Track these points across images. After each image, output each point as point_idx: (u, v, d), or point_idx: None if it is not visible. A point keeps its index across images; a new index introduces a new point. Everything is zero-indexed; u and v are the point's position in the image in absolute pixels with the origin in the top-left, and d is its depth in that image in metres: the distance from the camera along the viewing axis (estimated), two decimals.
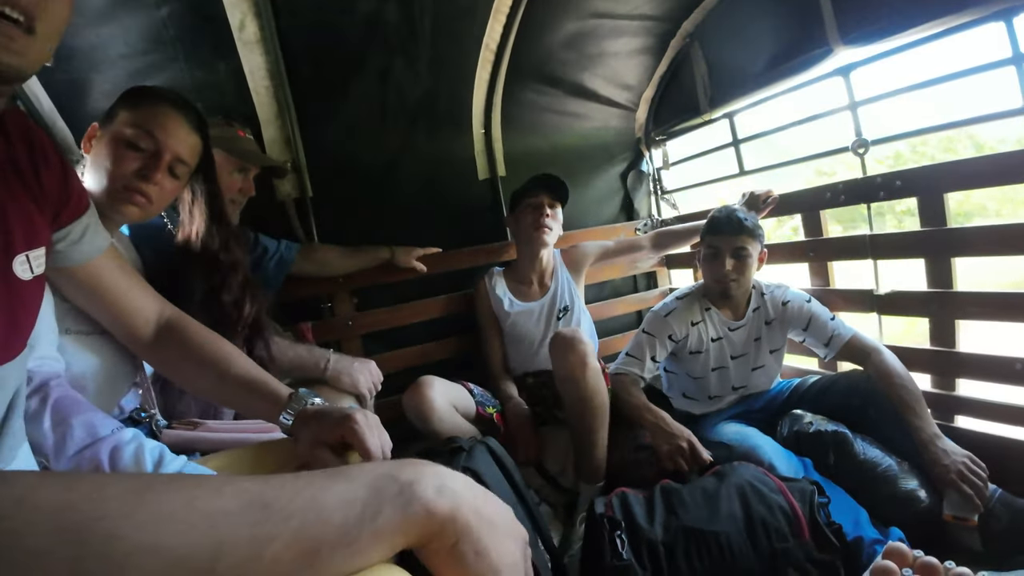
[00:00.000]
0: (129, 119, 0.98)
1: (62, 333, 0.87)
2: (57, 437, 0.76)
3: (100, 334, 0.94)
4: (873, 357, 1.54)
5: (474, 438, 1.34)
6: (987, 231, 1.40)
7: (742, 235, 1.63)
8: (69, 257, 0.80)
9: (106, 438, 0.77)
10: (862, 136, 1.62)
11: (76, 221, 0.79)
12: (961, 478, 1.26)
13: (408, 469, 0.43)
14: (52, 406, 0.78)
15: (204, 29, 1.52)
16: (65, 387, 0.83)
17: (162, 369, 0.99)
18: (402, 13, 1.70)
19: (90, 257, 0.83)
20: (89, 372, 0.92)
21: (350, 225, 1.99)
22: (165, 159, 0.98)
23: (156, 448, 0.80)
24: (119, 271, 0.89)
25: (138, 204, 0.98)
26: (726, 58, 2.03)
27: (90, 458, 0.75)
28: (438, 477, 0.44)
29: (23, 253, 0.65)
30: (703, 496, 1.28)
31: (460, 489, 0.44)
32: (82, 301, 0.88)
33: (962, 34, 1.40)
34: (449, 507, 0.42)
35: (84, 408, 0.80)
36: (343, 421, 0.77)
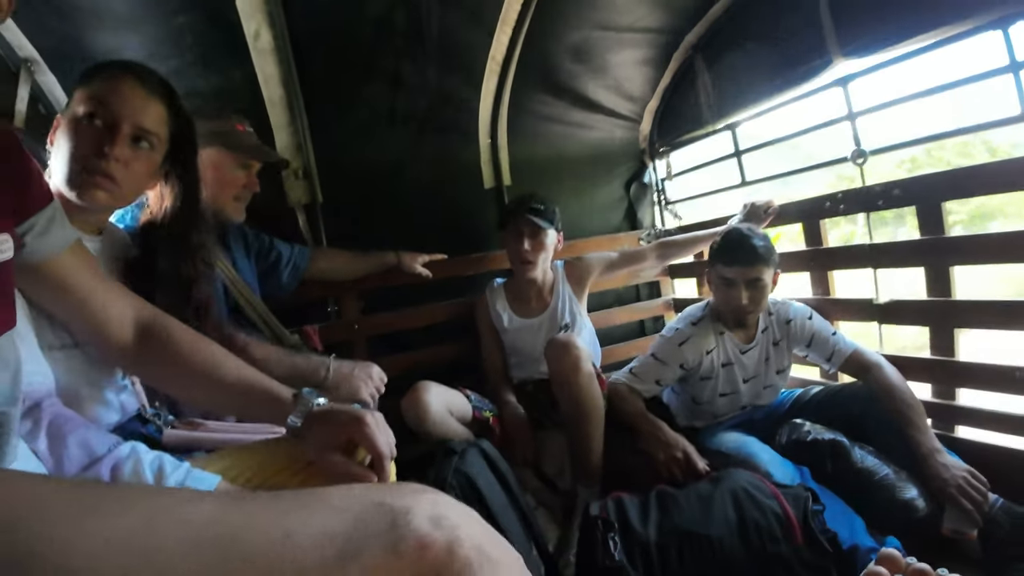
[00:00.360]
0: (83, 95, 0.90)
1: (44, 349, 0.83)
2: (55, 458, 0.74)
3: (83, 346, 0.89)
4: (873, 372, 1.54)
5: (467, 440, 1.35)
6: (985, 239, 1.41)
7: (757, 265, 1.58)
8: (36, 251, 0.75)
9: (104, 457, 0.75)
10: (860, 146, 1.63)
11: (40, 212, 0.74)
12: (961, 493, 1.25)
13: (405, 496, 0.38)
14: (47, 427, 0.76)
15: (220, 37, 1.59)
16: (58, 405, 0.80)
17: (147, 378, 0.94)
18: (410, 21, 1.75)
19: (57, 250, 0.77)
20: (79, 384, 0.89)
21: (358, 230, 2.04)
22: (123, 130, 0.89)
23: (155, 460, 0.77)
24: (87, 269, 0.82)
25: (102, 186, 0.89)
26: (728, 70, 2.06)
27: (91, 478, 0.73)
28: (436, 506, 0.38)
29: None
30: (697, 499, 1.29)
31: (461, 521, 0.38)
32: (52, 304, 0.82)
33: (960, 43, 1.42)
34: (446, 541, 0.36)
35: (79, 424, 0.78)
36: (353, 423, 0.77)
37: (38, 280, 0.77)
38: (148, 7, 1.44)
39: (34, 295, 0.80)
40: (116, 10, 1.40)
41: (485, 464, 1.25)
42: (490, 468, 1.25)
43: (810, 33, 1.69)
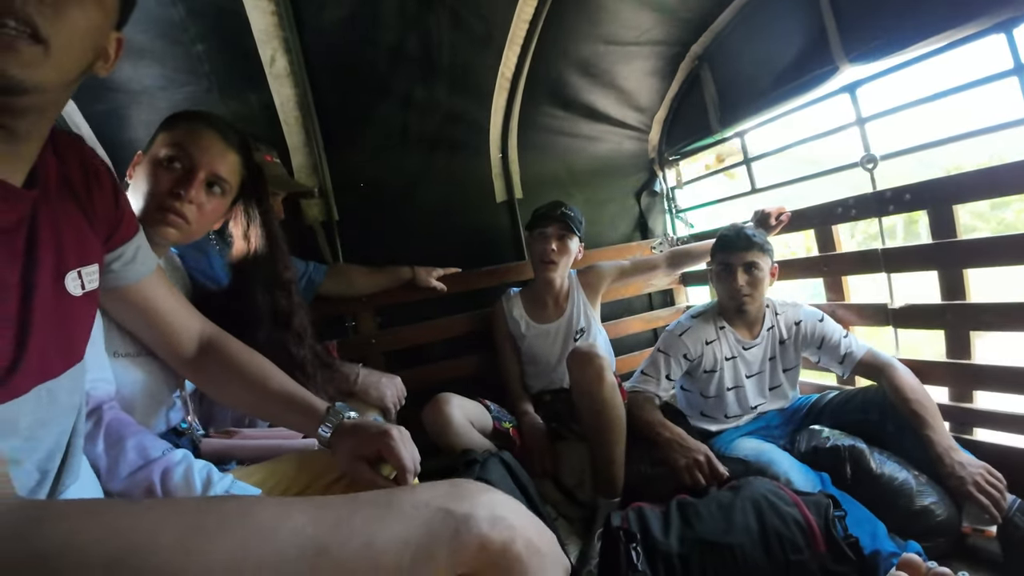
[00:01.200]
0: (166, 140, 0.99)
1: (111, 356, 0.89)
2: (111, 459, 0.79)
3: (147, 355, 0.97)
4: (887, 372, 1.54)
5: (488, 451, 1.37)
6: (997, 241, 1.41)
7: (752, 250, 1.66)
8: (123, 277, 0.82)
9: (157, 460, 0.81)
10: (870, 151, 1.65)
11: (128, 242, 0.81)
12: (978, 489, 1.26)
13: (464, 501, 0.42)
14: (106, 428, 0.81)
15: (237, 64, 1.63)
16: (117, 410, 0.86)
17: (203, 385, 1.02)
18: (422, 45, 1.79)
19: (141, 276, 0.85)
20: (137, 393, 0.95)
21: (374, 246, 2.08)
22: (199, 176, 0.98)
23: (204, 468, 0.83)
24: (166, 291, 0.92)
25: (174, 224, 0.97)
26: (735, 79, 2.08)
27: (143, 479, 0.79)
28: (492, 507, 0.43)
29: (75, 269, 0.67)
30: (718, 508, 1.29)
31: (514, 519, 0.43)
32: (130, 321, 0.90)
33: (965, 47, 1.43)
34: (503, 540, 0.41)
35: (136, 430, 0.84)
36: (380, 437, 0.80)
37: (119, 299, 0.85)
38: (167, 36, 1.49)
39: (112, 310, 0.88)
40: (136, 39, 1.45)
41: (506, 474, 1.26)
42: (511, 478, 1.27)
43: (815, 40, 1.71)
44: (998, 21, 1.33)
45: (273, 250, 1.16)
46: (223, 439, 1.13)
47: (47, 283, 0.61)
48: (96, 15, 0.56)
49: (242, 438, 1.15)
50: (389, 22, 1.69)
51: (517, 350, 2.06)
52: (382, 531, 0.38)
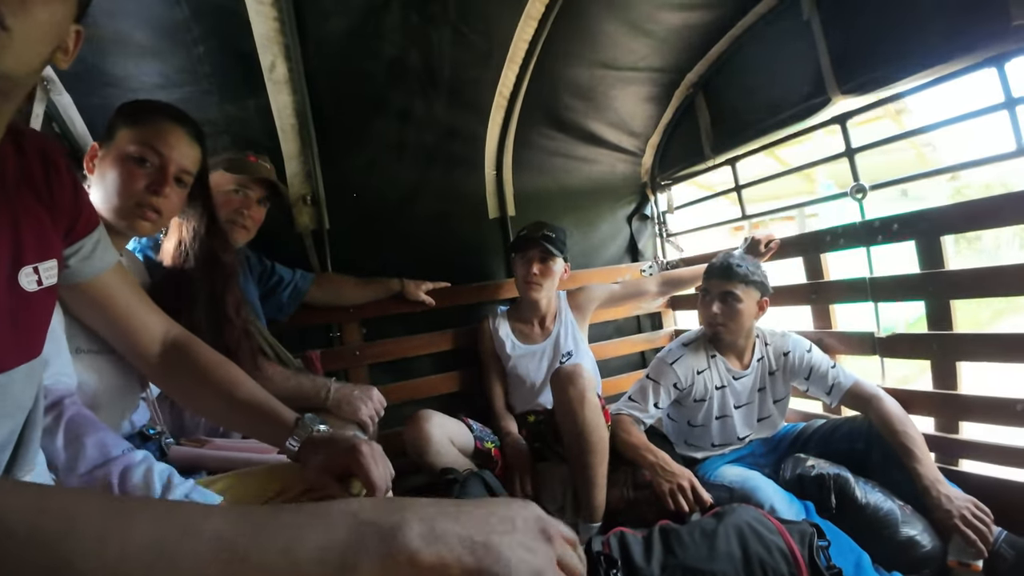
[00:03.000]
0: (132, 136, 1.01)
1: (73, 352, 0.87)
2: (70, 455, 0.77)
3: (110, 352, 0.94)
4: (873, 404, 1.54)
5: (469, 470, 1.34)
6: (982, 272, 1.42)
7: (732, 280, 1.65)
8: (80, 272, 0.80)
9: (117, 458, 0.78)
10: (859, 181, 1.67)
11: (88, 236, 0.79)
12: (965, 523, 1.25)
13: (396, 514, 0.39)
14: (66, 423, 0.79)
15: (237, 67, 1.63)
16: (79, 405, 0.84)
17: (168, 390, 0.99)
18: (423, 60, 1.80)
19: (100, 272, 0.83)
20: (100, 390, 0.93)
21: (364, 257, 2.06)
22: (171, 171, 1.02)
23: (165, 471, 0.81)
24: (127, 288, 0.89)
25: (150, 219, 1.01)
26: (728, 107, 2.12)
27: (101, 477, 0.76)
28: (427, 521, 0.39)
29: (32, 265, 0.65)
30: (701, 535, 1.27)
31: (454, 529, 0.39)
32: (90, 318, 0.88)
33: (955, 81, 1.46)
34: (437, 556, 0.38)
35: (97, 427, 0.81)
36: (349, 452, 0.78)
37: (79, 296, 0.84)
38: (168, 37, 1.49)
39: (72, 307, 0.86)
40: (137, 38, 1.45)
41: (486, 493, 1.24)
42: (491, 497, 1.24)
43: (808, 71, 1.74)
44: (990, 56, 1.35)
45: (213, 230, 1.18)
46: (193, 447, 1.10)
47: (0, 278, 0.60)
48: (58, 6, 0.56)
49: (212, 448, 1.12)
50: (391, 35, 1.71)
51: (502, 369, 2.04)
52: (302, 539, 0.37)
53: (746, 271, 1.66)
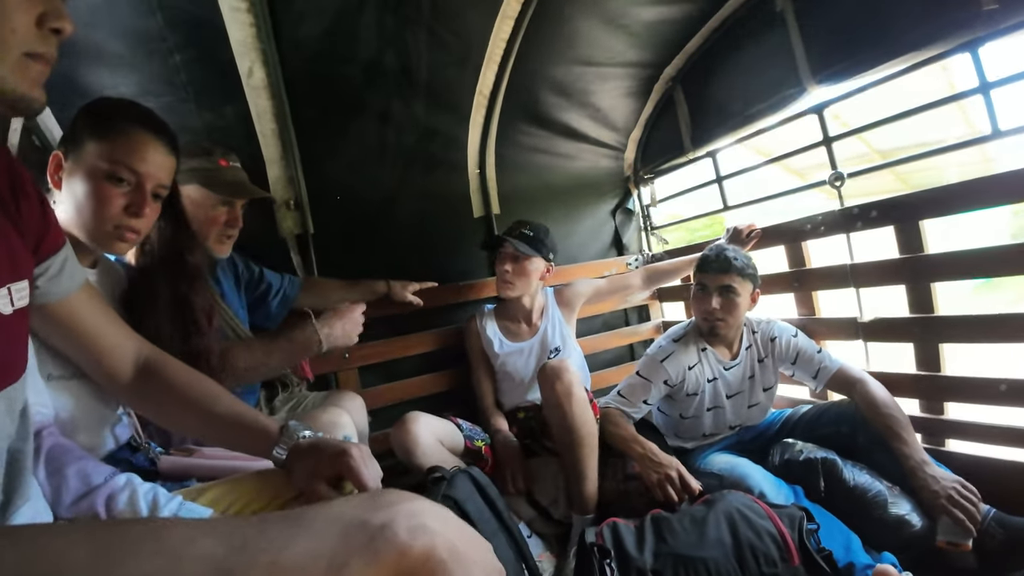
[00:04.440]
0: (102, 152, 0.94)
1: (44, 379, 0.86)
2: (53, 487, 0.76)
3: (81, 376, 0.92)
4: (859, 387, 1.55)
5: (456, 467, 1.34)
6: (960, 256, 1.44)
7: (730, 273, 1.66)
8: (49, 293, 0.77)
9: (100, 487, 0.77)
10: (837, 170, 1.69)
11: (54, 255, 0.76)
12: (952, 503, 1.26)
13: (381, 511, 0.41)
14: (46, 456, 0.78)
15: (214, 74, 1.62)
16: (56, 435, 0.82)
17: (142, 410, 0.97)
18: (400, 61, 1.80)
19: (68, 292, 0.80)
20: (78, 415, 0.91)
21: (349, 260, 2.06)
22: (148, 189, 0.97)
23: (150, 491, 0.80)
24: (96, 308, 0.86)
25: (129, 240, 0.98)
26: (707, 100, 2.14)
27: (86, 508, 0.76)
28: (413, 516, 0.42)
29: (5, 286, 0.62)
30: (692, 523, 1.28)
31: (436, 526, 0.42)
32: (59, 341, 0.85)
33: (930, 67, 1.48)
34: (423, 547, 0.41)
35: (76, 456, 0.80)
36: (339, 456, 0.78)
37: (46, 318, 0.80)
38: (144, 47, 1.47)
39: (40, 330, 0.82)
40: (112, 49, 1.43)
41: (475, 490, 1.23)
42: (480, 494, 1.23)
43: (783, 63, 1.76)
44: (963, 41, 1.37)
45: (176, 231, 1.14)
46: (182, 457, 1.09)
47: None
48: None
49: (202, 456, 1.11)
50: (367, 38, 1.70)
51: (490, 367, 2.04)
52: (290, 548, 0.38)
53: (741, 263, 1.67)
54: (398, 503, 0.43)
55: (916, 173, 1.49)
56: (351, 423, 1.43)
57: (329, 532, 0.39)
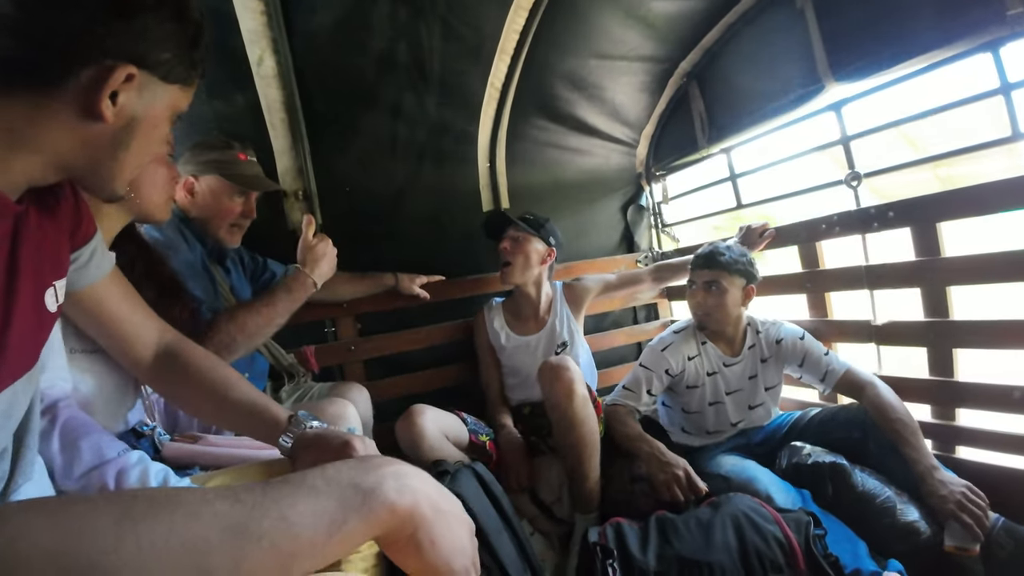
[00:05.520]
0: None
1: (67, 352, 0.87)
2: (65, 459, 0.77)
3: (103, 351, 0.94)
4: (868, 391, 1.53)
5: (460, 462, 1.33)
6: (978, 259, 1.41)
7: (715, 268, 1.68)
8: (78, 281, 0.79)
9: (112, 460, 0.79)
10: (855, 169, 1.66)
11: (86, 245, 0.77)
12: (960, 508, 1.24)
13: (371, 474, 0.47)
14: (61, 427, 0.79)
15: (224, 62, 1.61)
16: (74, 408, 0.84)
17: (162, 392, 1.00)
18: (412, 53, 1.79)
19: (96, 279, 0.82)
20: (95, 390, 0.93)
21: (357, 252, 2.03)
22: None
23: (161, 471, 0.82)
24: (121, 294, 0.89)
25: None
26: (722, 96, 2.11)
27: (96, 480, 0.77)
28: (398, 477, 0.48)
29: (52, 284, 0.65)
30: (697, 525, 1.27)
31: (418, 485, 0.49)
32: (84, 323, 0.88)
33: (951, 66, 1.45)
34: (409, 503, 0.47)
35: (92, 429, 0.82)
36: (343, 448, 0.80)
37: (73, 303, 0.82)
38: None
39: (68, 311, 0.84)
40: None
41: (479, 486, 1.23)
42: (484, 491, 1.23)
43: (801, 59, 1.73)
44: (985, 41, 1.34)
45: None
46: (187, 443, 1.10)
47: (28, 301, 0.59)
48: None
49: (207, 444, 1.12)
50: (380, 29, 1.69)
51: (497, 362, 2.04)
52: (296, 506, 0.42)
53: (729, 259, 1.68)
54: (385, 466, 0.48)
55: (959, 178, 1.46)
56: (356, 415, 1.44)
57: (329, 493, 0.44)
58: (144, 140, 0.63)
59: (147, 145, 0.64)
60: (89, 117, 0.56)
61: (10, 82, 0.53)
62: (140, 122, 0.61)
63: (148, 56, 0.58)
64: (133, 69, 0.56)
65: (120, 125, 0.59)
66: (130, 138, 0.61)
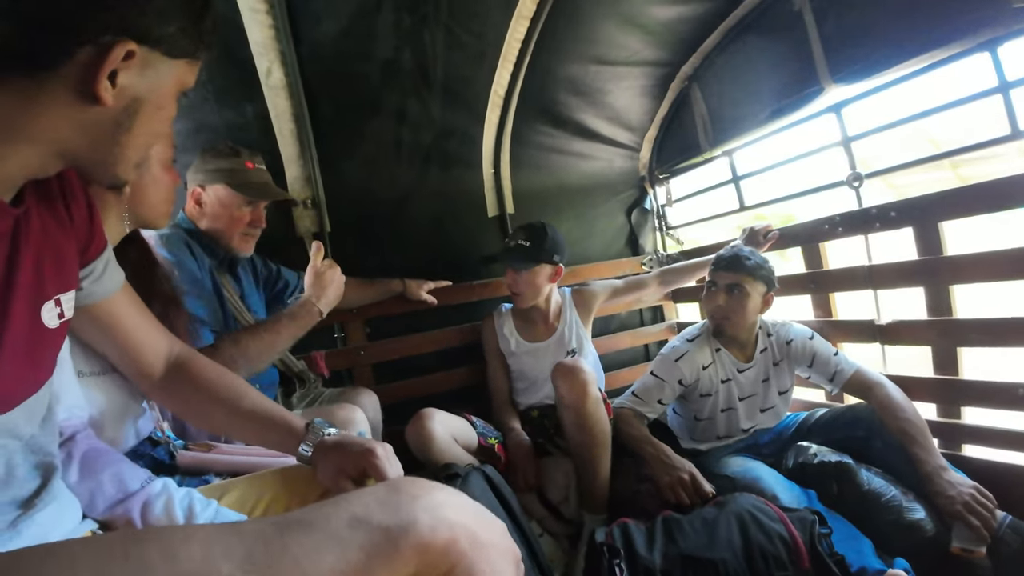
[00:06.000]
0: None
1: (76, 375, 0.86)
2: (87, 491, 0.76)
3: (111, 373, 0.93)
4: (876, 391, 1.54)
5: (470, 465, 1.35)
6: (982, 257, 1.41)
7: (739, 272, 1.66)
8: (92, 295, 0.77)
9: (136, 493, 0.78)
10: (856, 170, 1.67)
11: (99, 258, 0.76)
12: (968, 509, 1.24)
13: (402, 510, 0.40)
14: (81, 459, 0.78)
15: (234, 75, 1.65)
16: (92, 438, 0.83)
17: (171, 406, 0.98)
18: (417, 61, 1.82)
19: (110, 293, 0.81)
20: (105, 412, 0.92)
21: (365, 258, 2.08)
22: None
23: (186, 498, 0.80)
24: (133, 307, 0.87)
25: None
26: (724, 99, 2.12)
27: (121, 514, 0.76)
28: (432, 509, 0.41)
29: (54, 298, 0.62)
30: (702, 524, 1.28)
31: (455, 517, 0.42)
32: (95, 338, 0.85)
33: (949, 67, 1.46)
34: (444, 540, 0.41)
35: (112, 460, 0.81)
36: (364, 455, 0.79)
37: (86, 318, 0.80)
38: None
39: (77, 328, 0.83)
40: None
41: (488, 488, 1.25)
42: (493, 492, 1.25)
43: (801, 62, 1.74)
44: (982, 40, 1.35)
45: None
46: (201, 452, 1.11)
47: (22, 314, 0.57)
48: None
49: (220, 452, 1.13)
50: (384, 38, 1.72)
51: (506, 366, 2.06)
52: (317, 564, 0.36)
53: (753, 264, 1.66)
54: (418, 497, 0.42)
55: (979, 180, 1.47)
56: (365, 419, 1.46)
57: (354, 540, 0.38)
58: (149, 121, 0.59)
59: (152, 126, 0.60)
60: (87, 100, 0.51)
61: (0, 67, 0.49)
62: (143, 102, 0.56)
63: (151, 31, 0.53)
64: (133, 45, 0.51)
65: (121, 107, 0.55)
66: (133, 120, 0.57)
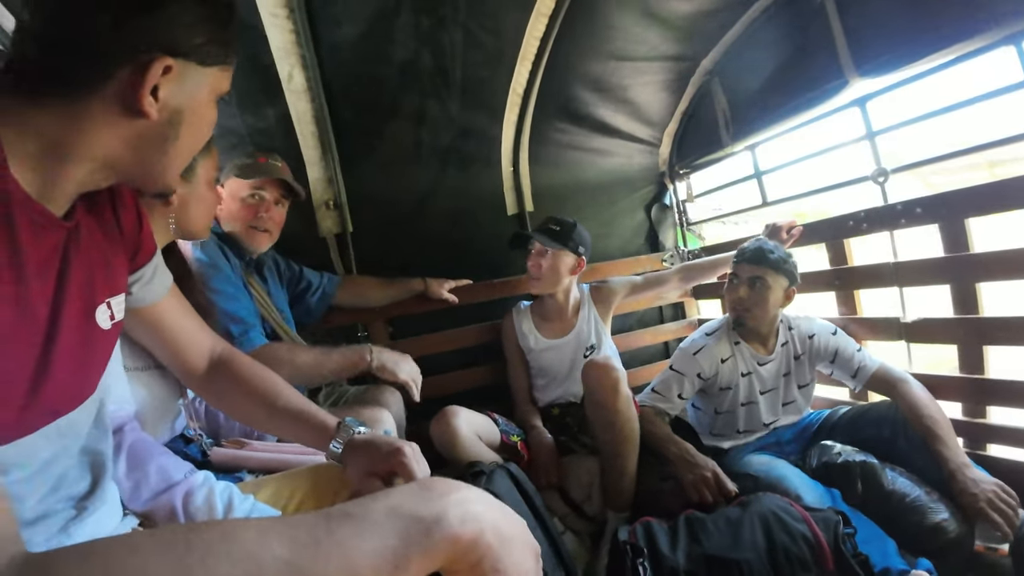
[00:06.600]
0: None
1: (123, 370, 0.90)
2: (133, 482, 0.80)
3: (153, 368, 0.97)
4: (900, 388, 1.53)
5: (495, 463, 1.37)
6: (1009, 255, 1.39)
7: (762, 265, 1.65)
8: (141, 298, 0.81)
9: (179, 483, 0.82)
10: (881, 165, 1.64)
11: (148, 263, 0.80)
12: (991, 507, 1.24)
13: (433, 503, 0.45)
14: (128, 451, 0.82)
15: (256, 78, 1.68)
16: (138, 431, 0.87)
17: (213, 401, 1.02)
18: (435, 61, 1.82)
19: (159, 297, 0.85)
20: (146, 406, 0.96)
21: (386, 258, 2.11)
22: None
23: (226, 491, 0.84)
24: (180, 309, 0.92)
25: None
26: (745, 92, 2.09)
27: (164, 503, 0.80)
28: (462, 505, 0.46)
29: (105, 301, 0.65)
30: (726, 524, 1.28)
31: (483, 512, 0.47)
32: (143, 337, 0.90)
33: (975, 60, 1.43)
34: (473, 533, 0.45)
35: (158, 452, 0.85)
36: (393, 454, 0.81)
37: (135, 319, 0.84)
38: None
39: (125, 326, 0.85)
40: None
41: (512, 486, 1.26)
42: (517, 490, 1.26)
43: (824, 54, 1.71)
44: (1008, 34, 1.32)
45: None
46: (234, 449, 1.15)
47: (75, 318, 0.60)
48: None
49: (252, 449, 1.17)
50: (403, 39, 1.73)
51: (526, 363, 2.07)
52: (359, 547, 0.41)
53: (777, 258, 1.65)
54: (449, 493, 0.47)
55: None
56: (390, 418, 1.49)
57: (391, 528, 0.43)
58: (192, 129, 0.63)
59: (196, 133, 0.64)
60: (133, 115, 0.56)
61: (42, 91, 0.52)
62: (185, 112, 0.61)
63: (182, 44, 0.57)
64: (169, 60, 0.55)
65: (165, 118, 0.59)
66: (177, 130, 0.61)
